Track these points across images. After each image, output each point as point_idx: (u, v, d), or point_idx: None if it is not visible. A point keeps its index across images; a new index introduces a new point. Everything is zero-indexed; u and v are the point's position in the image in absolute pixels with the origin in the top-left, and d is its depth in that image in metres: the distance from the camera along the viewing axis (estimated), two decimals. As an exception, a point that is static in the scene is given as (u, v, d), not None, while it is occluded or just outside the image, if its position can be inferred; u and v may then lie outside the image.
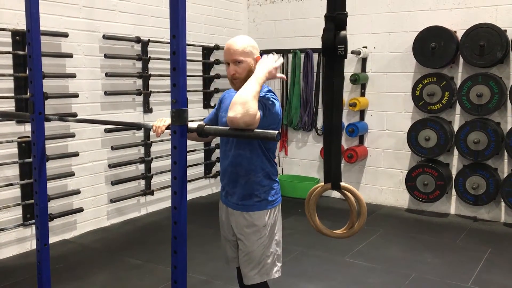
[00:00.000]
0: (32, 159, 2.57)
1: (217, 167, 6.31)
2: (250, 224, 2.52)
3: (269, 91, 2.51)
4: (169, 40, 1.87)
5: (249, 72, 2.43)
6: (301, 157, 6.46)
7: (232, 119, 2.09)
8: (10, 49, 4.11)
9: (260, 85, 2.24)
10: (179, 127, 1.91)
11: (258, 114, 2.17)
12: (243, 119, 2.08)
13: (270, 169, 2.54)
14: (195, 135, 2.40)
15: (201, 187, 6.19)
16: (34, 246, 4.17)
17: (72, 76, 4.56)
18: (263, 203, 2.52)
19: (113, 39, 4.87)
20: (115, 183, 4.99)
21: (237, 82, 2.45)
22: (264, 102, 2.35)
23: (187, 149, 2.00)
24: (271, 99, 2.42)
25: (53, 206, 4.48)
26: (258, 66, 2.33)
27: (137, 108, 5.27)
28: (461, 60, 5.30)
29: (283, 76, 2.45)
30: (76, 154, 4.63)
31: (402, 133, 5.65)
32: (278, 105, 2.44)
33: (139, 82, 5.24)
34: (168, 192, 5.49)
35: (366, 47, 5.80)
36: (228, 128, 2.14)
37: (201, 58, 6.01)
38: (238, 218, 2.55)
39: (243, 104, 2.11)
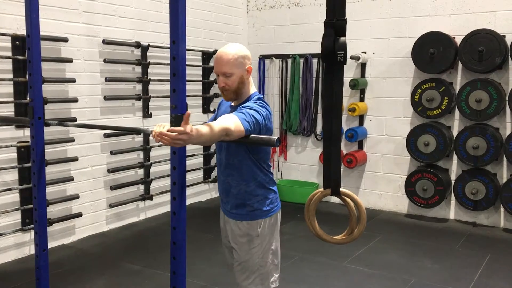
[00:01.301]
0: (31, 164, 2.57)
1: (216, 172, 6.30)
2: (243, 234, 2.49)
3: (259, 99, 2.42)
4: (168, 45, 1.88)
5: (240, 84, 2.37)
6: (300, 162, 6.46)
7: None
8: (10, 54, 4.11)
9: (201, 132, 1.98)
10: (178, 132, 1.91)
11: (236, 124, 2.13)
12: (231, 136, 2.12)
13: (263, 178, 2.47)
14: None
15: (200, 192, 6.19)
16: (32, 251, 4.16)
17: (72, 81, 4.56)
18: (256, 213, 2.47)
19: (113, 44, 4.88)
20: (114, 188, 4.98)
21: (228, 94, 2.40)
22: (251, 114, 2.25)
23: (186, 154, 2.00)
24: (256, 108, 2.31)
25: (52, 211, 4.47)
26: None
27: (137, 113, 5.27)
28: (460, 65, 5.31)
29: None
30: (75, 159, 4.63)
31: (401, 138, 5.65)
32: (264, 112, 2.33)
33: (139, 87, 5.24)
34: (167, 197, 5.48)
35: (365, 53, 5.81)
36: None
37: (200, 63, 6.02)
38: (232, 226, 2.54)
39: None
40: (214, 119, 2.66)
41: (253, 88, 2.49)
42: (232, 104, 2.54)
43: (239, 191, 2.46)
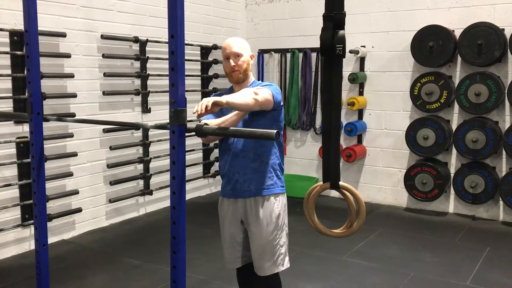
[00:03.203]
0: (31, 160, 2.56)
1: (215, 167, 6.31)
2: (267, 212, 2.58)
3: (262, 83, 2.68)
4: (167, 40, 1.87)
5: (247, 66, 2.63)
6: (300, 157, 6.46)
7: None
8: (8, 49, 4.11)
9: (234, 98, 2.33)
10: (177, 127, 1.91)
11: (265, 96, 2.41)
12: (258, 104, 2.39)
13: (280, 155, 2.65)
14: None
15: (199, 187, 6.19)
16: (32, 247, 4.17)
17: (70, 76, 4.55)
18: (275, 187, 2.62)
19: (111, 39, 4.87)
20: (113, 183, 4.98)
21: (236, 75, 2.60)
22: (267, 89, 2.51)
23: (186, 149, 2.00)
24: (270, 84, 2.59)
25: (52, 206, 4.47)
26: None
27: (136, 108, 5.26)
28: (459, 59, 5.30)
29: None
30: (74, 154, 4.63)
31: (401, 132, 5.65)
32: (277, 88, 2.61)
33: (137, 82, 5.23)
34: (166, 192, 5.48)
35: (364, 46, 5.80)
36: (227, 128, 2.15)
37: (199, 58, 6.01)
38: (248, 205, 2.60)
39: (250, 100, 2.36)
40: (215, 116, 2.66)
41: (253, 77, 2.74)
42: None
43: (260, 164, 2.58)
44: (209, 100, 2.15)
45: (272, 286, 2.68)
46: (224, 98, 2.22)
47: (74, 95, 4.58)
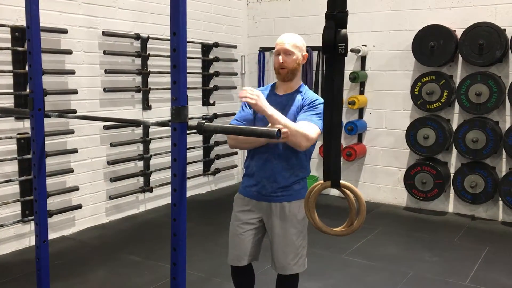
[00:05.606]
0: (32, 156, 2.57)
1: (215, 165, 6.31)
2: (291, 215, 2.59)
3: (318, 99, 2.59)
4: (168, 37, 1.87)
5: (297, 66, 2.58)
6: (300, 155, 6.45)
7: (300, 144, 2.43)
8: (9, 45, 4.11)
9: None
10: (179, 124, 1.91)
11: (317, 132, 2.45)
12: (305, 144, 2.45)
13: (308, 168, 2.68)
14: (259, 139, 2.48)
15: (199, 185, 6.19)
16: (32, 243, 4.18)
17: (71, 72, 4.55)
18: (302, 191, 2.61)
19: (112, 35, 4.87)
20: (114, 180, 4.99)
21: (283, 72, 2.57)
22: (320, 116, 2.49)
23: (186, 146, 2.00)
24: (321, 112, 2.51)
25: (52, 202, 4.48)
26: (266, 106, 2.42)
27: (136, 105, 5.27)
28: (460, 58, 5.30)
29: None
30: (75, 151, 4.63)
31: (401, 131, 5.65)
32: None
33: (138, 79, 5.24)
34: (166, 189, 5.49)
35: (365, 45, 5.80)
36: (228, 126, 2.15)
37: (200, 55, 6.01)
38: (274, 210, 2.60)
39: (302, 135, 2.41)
40: (251, 115, 2.64)
41: (300, 80, 2.69)
42: (279, 93, 2.63)
43: (292, 173, 2.58)
44: (257, 96, 2.33)
45: (294, 285, 2.75)
46: (270, 110, 2.35)
47: (75, 92, 4.58)
